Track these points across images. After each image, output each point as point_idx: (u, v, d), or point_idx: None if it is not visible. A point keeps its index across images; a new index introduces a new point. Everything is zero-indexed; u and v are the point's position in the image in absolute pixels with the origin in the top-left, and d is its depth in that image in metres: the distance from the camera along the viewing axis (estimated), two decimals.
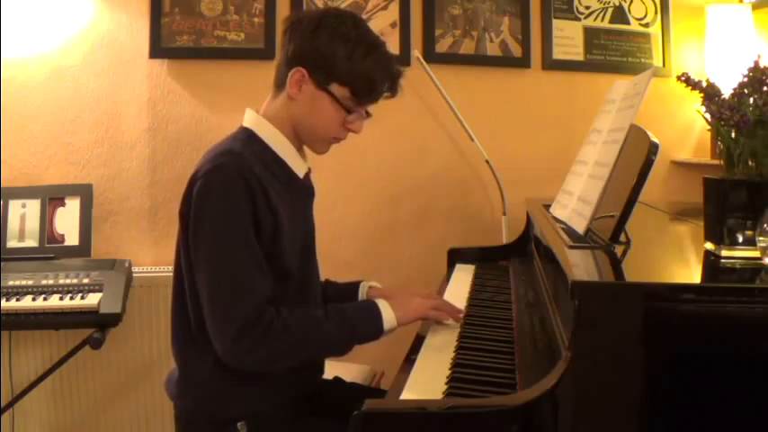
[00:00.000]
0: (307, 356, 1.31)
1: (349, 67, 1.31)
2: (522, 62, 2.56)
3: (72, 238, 2.22)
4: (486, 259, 2.07)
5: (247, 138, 1.35)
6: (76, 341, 2.06)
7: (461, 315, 1.47)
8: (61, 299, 1.96)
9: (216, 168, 1.25)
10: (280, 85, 1.37)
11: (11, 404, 2.15)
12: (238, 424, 1.29)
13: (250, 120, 1.38)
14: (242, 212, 1.24)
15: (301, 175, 1.41)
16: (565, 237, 1.36)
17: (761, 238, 1.06)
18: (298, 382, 1.37)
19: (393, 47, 2.46)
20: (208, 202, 1.25)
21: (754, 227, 1.08)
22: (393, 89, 1.38)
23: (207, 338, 1.25)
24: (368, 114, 1.40)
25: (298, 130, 1.37)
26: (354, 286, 1.59)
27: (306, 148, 1.44)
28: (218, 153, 1.29)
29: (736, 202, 1.14)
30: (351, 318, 1.31)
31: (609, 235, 1.25)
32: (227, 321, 1.22)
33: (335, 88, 1.32)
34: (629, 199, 1.23)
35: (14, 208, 2.22)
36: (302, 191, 1.43)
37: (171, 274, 1.37)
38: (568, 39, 2.60)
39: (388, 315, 1.33)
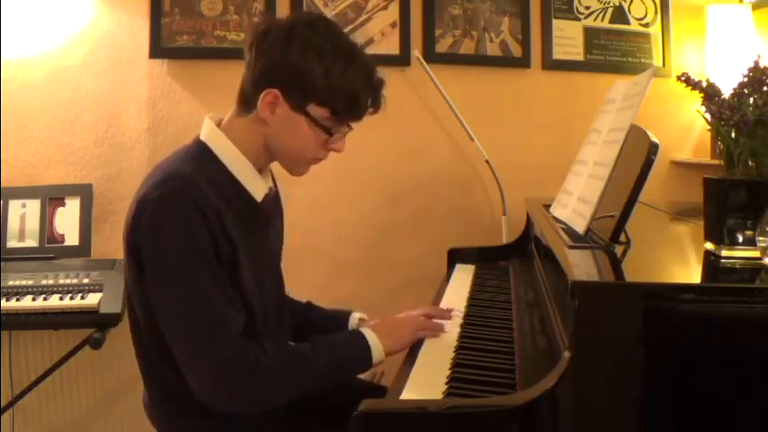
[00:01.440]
0: (295, 394, 1.21)
1: (327, 85, 1.19)
2: (522, 62, 2.56)
3: (72, 238, 2.22)
4: (486, 259, 2.07)
5: (200, 153, 1.24)
6: (76, 341, 2.05)
7: (451, 314, 1.46)
8: (61, 299, 1.96)
9: (165, 196, 1.15)
10: (247, 103, 1.24)
11: (11, 404, 2.15)
12: None
13: (206, 132, 1.27)
14: (201, 242, 1.14)
15: (259, 198, 1.29)
16: (565, 237, 1.36)
17: (761, 238, 1.06)
18: None
19: (393, 47, 2.46)
20: (162, 234, 1.14)
21: (754, 227, 1.09)
22: (376, 103, 1.27)
23: (169, 367, 1.19)
24: (349, 128, 1.29)
25: (274, 154, 1.28)
26: (343, 316, 1.53)
27: (270, 167, 1.37)
28: (167, 176, 1.18)
29: (736, 202, 1.14)
30: (339, 351, 1.24)
31: (609, 235, 1.25)
32: (204, 362, 1.14)
33: (313, 109, 1.21)
34: (629, 199, 1.23)
35: (14, 208, 2.22)
36: (259, 216, 1.31)
37: None
38: (568, 39, 2.60)
39: (377, 346, 1.27)
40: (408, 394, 1.10)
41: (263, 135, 1.25)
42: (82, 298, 1.97)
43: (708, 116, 1.20)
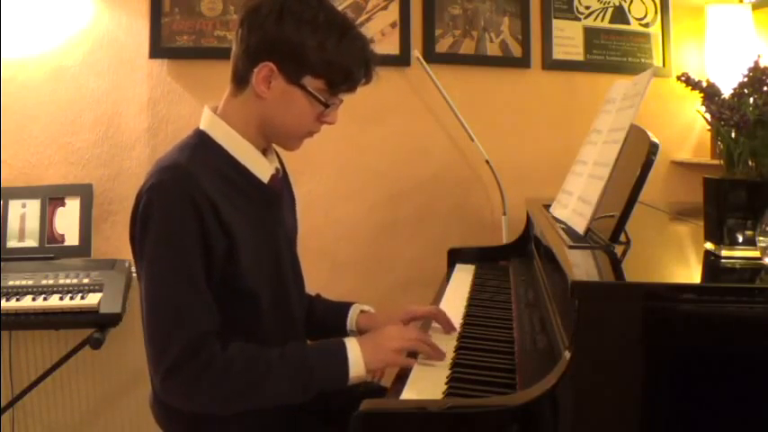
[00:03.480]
0: (252, 404, 1.16)
1: (321, 57, 1.20)
2: (522, 62, 2.56)
3: (72, 238, 2.22)
4: (486, 259, 2.07)
5: (200, 143, 1.24)
6: (76, 341, 2.05)
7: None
8: (61, 299, 1.96)
9: (157, 186, 1.15)
10: (240, 81, 1.25)
11: (11, 404, 2.15)
12: None
13: (205, 120, 1.28)
14: (185, 237, 1.13)
15: (266, 179, 1.29)
16: (565, 237, 1.36)
17: (761, 238, 1.06)
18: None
19: (393, 47, 2.46)
20: (149, 224, 1.15)
21: (754, 227, 1.09)
22: (369, 75, 1.27)
23: None
24: (340, 100, 1.29)
25: (268, 129, 1.27)
26: (345, 307, 1.49)
27: (274, 149, 1.36)
28: (163, 167, 1.18)
29: (736, 202, 1.14)
30: (310, 363, 1.17)
31: (609, 235, 1.25)
32: (159, 357, 1.12)
33: (309, 81, 1.22)
34: (629, 199, 1.23)
35: (14, 208, 2.22)
36: (268, 197, 1.31)
37: None
38: (568, 39, 2.60)
39: (356, 361, 1.18)
40: (408, 394, 1.10)
41: (259, 112, 1.25)
42: (82, 298, 1.97)
43: (708, 116, 1.20)
